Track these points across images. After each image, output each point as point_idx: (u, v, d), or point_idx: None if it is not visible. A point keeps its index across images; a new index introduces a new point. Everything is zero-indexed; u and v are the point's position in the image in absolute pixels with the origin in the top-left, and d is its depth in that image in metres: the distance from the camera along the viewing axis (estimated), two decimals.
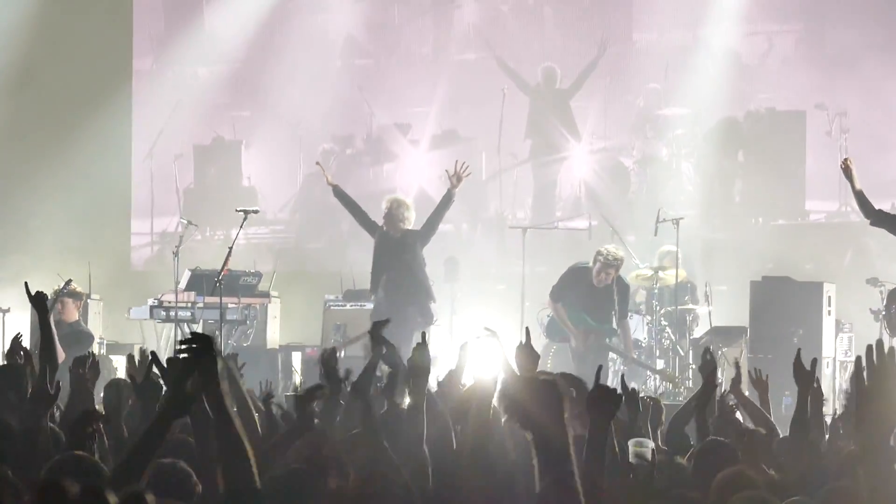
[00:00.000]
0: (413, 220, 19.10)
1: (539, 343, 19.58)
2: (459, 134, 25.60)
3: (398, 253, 18.92)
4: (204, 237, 24.53)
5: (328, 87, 25.78)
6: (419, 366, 8.83)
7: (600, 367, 7.77)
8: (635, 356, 19.79)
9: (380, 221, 19.07)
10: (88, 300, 20.53)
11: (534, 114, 25.16)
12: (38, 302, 11.33)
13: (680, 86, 24.63)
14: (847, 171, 16.79)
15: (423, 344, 9.10)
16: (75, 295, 19.61)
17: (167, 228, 23.48)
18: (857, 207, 17.51)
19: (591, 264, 19.22)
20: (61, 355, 15.35)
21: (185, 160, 26.02)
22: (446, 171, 19.19)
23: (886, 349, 5.58)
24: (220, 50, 26.20)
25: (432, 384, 10.13)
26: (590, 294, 19.13)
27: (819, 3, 24.32)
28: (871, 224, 17.11)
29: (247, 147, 25.82)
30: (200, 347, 6.41)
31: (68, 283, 19.58)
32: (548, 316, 19.88)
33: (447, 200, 19.07)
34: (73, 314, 19.54)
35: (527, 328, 9.79)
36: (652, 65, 24.90)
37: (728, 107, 24.56)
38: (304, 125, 25.63)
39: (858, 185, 16.70)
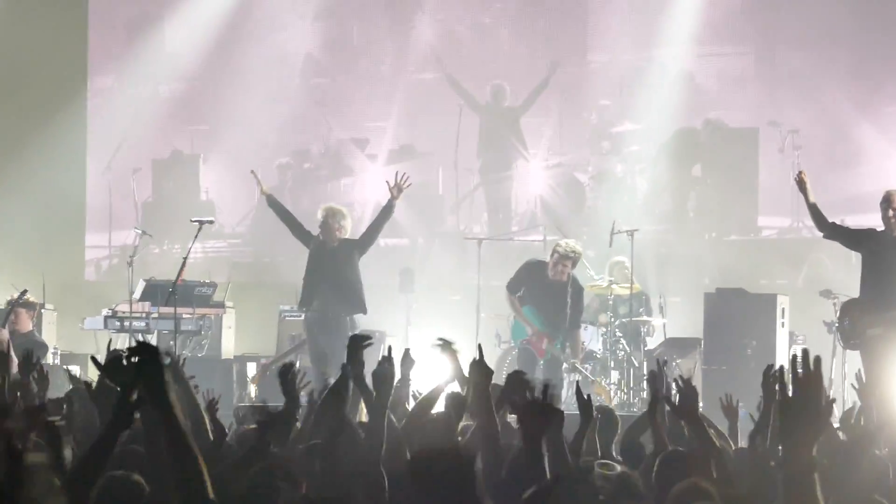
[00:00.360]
0: (349, 229, 18.57)
1: (498, 351, 19.79)
2: (416, 149, 25.28)
3: (335, 262, 18.32)
4: (161, 250, 24.08)
5: (286, 103, 25.51)
6: (384, 377, 8.52)
7: (547, 386, 7.35)
8: (587, 367, 19.36)
9: (315, 230, 18.45)
10: (42, 310, 20.12)
11: (484, 131, 24.87)
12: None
13: (634, 103, 24.36)
14: (801, 183, 16.36)
15: (388, 357, 8.76)
16: (29, 305, 19.31)
17: (125, 241, 22.79)
18: (809, 222, 17.28)
19: (548, 259, 18.72)
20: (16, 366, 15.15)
21: (144, 174, 25.51)
22: (387, 181, 18.51)
23: (813, 358, 5.25)
24: (180, 67, 25.90)
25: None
26: (544, 290, 18.62)
27: (769, 26, 24.09)
28: (825, 237, 16.80)
29: (205, 161, 25.40)
30: (146, 359, 5.99)
31: (23, 293, 19.22)
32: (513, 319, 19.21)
33: (388, 210, 18.38)
34: (26, 324, 19.24)
35: (479, 345, 9.14)
36: (607, 83, 24.64)
37: (682, 124, 24.23)
38: (262, 140, 25.15)
39: (812, 199, 16.28)
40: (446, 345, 10.32)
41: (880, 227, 16.20)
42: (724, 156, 24.30)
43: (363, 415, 10.11)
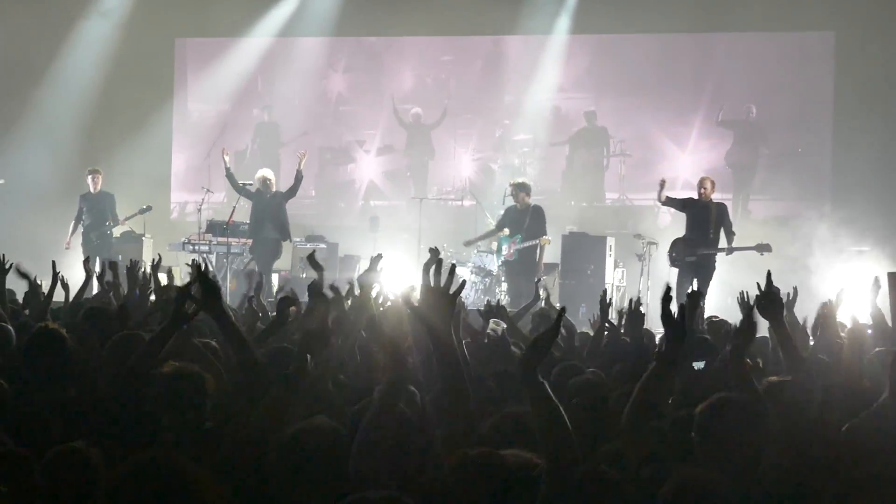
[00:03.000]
0: (276, 185, 17.40)
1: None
2: (393, 147, 23.14)
3: (271, 207, 16.92)
4: (238, 205, 21.34)
5: (319, 118, 23.29)
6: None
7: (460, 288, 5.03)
8: (487, 280, 17.36)
9: (253, 188, 17.29)
10: (143, 238, 18.18)
11: (409, 139, 23.03)
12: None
13: (526, 122, 22.30)
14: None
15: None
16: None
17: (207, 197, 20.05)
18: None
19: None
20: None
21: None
22: (298, 154, 17.50)
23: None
24: (259, 95, 23.55)
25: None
26: (513, 216, 16.89)
27: (598, 77, 22.22)
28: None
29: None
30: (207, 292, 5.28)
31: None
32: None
33: (299, 174, 16.94)
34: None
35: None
36: (510, 111, 22.58)
37: (554, 136, 22.31)
38: (302, 140, 22.67)
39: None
40: (377, 257, 8.46)
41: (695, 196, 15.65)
42: (583, 157, 22.20)
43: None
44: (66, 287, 9.89)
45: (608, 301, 8.75)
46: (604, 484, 3.79)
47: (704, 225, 15.14)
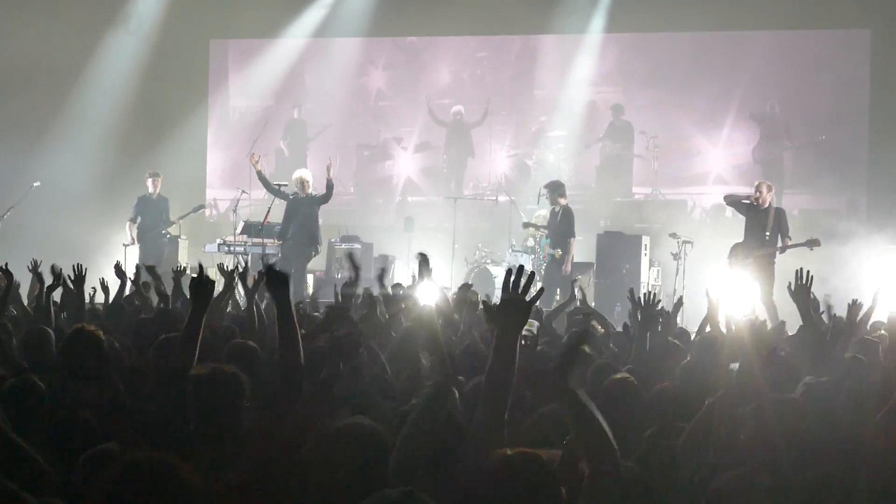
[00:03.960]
0: (311, 188, 17.16)
1: (466, 268, 18.21)
2: (430, 144, 23.10)
3: (302, 210, 16.85)
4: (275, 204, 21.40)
5: (357, 115, 23.31)
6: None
7: (510, 272, 4.78)
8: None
9: (290, 191, 17.22)
10: (179, 240, 18.19)
11: (448, 137, 22.98)
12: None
13: (561, 118, 22.26)
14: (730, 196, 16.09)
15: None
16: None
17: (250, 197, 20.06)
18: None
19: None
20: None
21: (268, 158, 22.08)
22: (327, 167, 16.95)
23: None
24: (298, 93, 23.59)
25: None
26: (551, 220, 17.29)
27: (632, 74, 22.08)
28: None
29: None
30: (278, 282, 5.22)
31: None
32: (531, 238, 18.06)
33: (330, 184, 16.73)
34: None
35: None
36: (544, 106, 22.49)
37: (587, 132, 22.18)
38: (340, 138, 22.97)
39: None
40: (424, 258, 8.22)
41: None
42: (612, 150, 22.06)
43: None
44: (105, 290, 9.97)
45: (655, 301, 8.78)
46: (643, 487, 3.75)
47: (761, 228, 15.10)
